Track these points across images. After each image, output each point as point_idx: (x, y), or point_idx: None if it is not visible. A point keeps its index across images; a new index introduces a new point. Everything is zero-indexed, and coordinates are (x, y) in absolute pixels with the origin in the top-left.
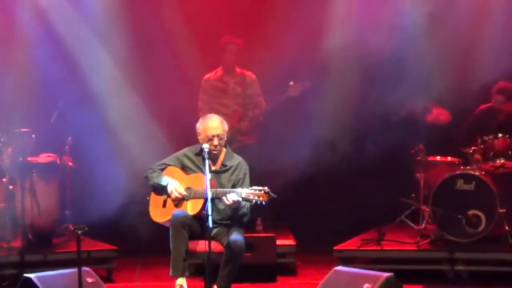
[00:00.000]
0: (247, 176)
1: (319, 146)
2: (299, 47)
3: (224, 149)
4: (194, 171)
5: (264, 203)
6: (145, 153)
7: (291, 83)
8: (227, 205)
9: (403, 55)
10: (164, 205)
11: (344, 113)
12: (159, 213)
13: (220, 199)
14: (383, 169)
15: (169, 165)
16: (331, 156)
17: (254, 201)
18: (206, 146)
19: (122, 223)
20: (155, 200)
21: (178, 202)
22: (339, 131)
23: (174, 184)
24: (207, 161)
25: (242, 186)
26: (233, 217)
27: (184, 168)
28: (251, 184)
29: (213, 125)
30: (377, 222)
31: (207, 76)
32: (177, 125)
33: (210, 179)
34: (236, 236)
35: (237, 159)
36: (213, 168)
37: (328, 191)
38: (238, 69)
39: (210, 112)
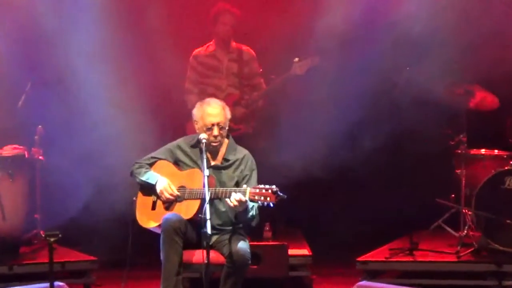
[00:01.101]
0: (255, 173)
1: (333, 136)
2: (308, 14)
3: (226, 140)
4: (189, 167)
5: (272, 205)
6: (131, 145)
7: (296, 59)
8: (230, 207)
9: (437, 26)
10: (153, 208)
11: (363, 97)
12: (148, 217)
13: (220, 199)
14: (415, 165)
15: (159, 158)
16: (349, 149)
17: (259, 202)
18: (204, 136)
19: (103, 228)
20: (142, 202)
21: (170, 203)
22: (358, 118)
23: (164, 182)
24: (205, 155)
25: (248, 184)
26: (238, 221)
27: (177, 163)
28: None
29: (212, 111)
30: (409, 228)
31: (196, 51)
32: (173, 113)
33: (208, 176)
34: (240, 245)
35: (241, 152)
36: (212, 163)
37: (348, 191)
38: (234, 44)
39: (199, 96)
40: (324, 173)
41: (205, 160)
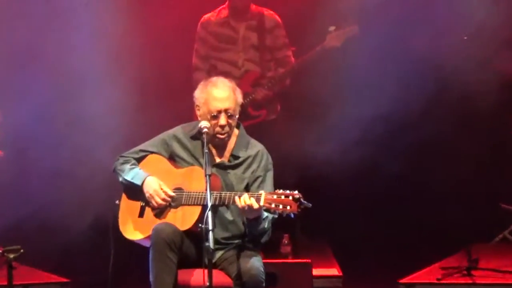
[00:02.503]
0: (270, 174)
1: (373, 127)
2: None
3: (236, 131)
4: (188, 163)
5: (292, 215)
6: (114, 135)
7: (331, 28)
8: (241, 212)
9: None
10: (141, 215)
11: (410, 76)
12: (134, 227)
13: (227, 207)
14: (471, 163)
15: (150, 152)
16: (390, 144)
17: (277, 212)
18: (205, 124)
19: (77, 242)
20: (127, 207)
21: (162, 210)
22: (404, 103)
23: (155, 183)
24: (207, 148)
25: (261, 189)
26: (247, 233)
27: (173, 158)
28: (276, 188)
29: (219, 94)
30: (465, 241)
31: (205, 17)
32: (171, 94)
33: (211, 176)
34: (251, 263)
35: (255, 147)
36: (218, 160)
37: (387, 195)
38: (253, 7)
39: (210, 75)
40: (359, 173)
41: (206, 156)
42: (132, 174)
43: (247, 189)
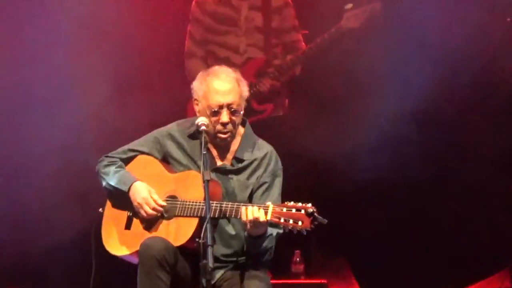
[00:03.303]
0: (278, 181)
1: (398, 125)
2: None
3: (240, 130)
4: (183, 166)
5: (304, 232)
6: (94, 131)
7: (348, 6)
8: (245, 226)
9: None
10: (128, 226)
11: (445, 65)
12: (120, 241)
13: (229, 220)
14: None
15: (140, 152)
16: (419, 144)
17: (287, 228)
18: (202, 121)
19: (56, 257)
20: (113, 217)
21: (153, 221)
22: (435, 100)
23: (144, 190)
24: (205, 149)
25: (266, 197)
26: (249, 251)
27: (166, 160)
28: (284, 198)
29: (221, 86)
30: (509, 258)
31: None
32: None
33: (209, 181)
34: (257, 284)
35: (262, 149)
36: (219, 163)
37: (414, 203)
38: None
39: (205, 62)
40: (382, 178)
41: (204, 158)
42: (117, 178)
43: (250, 198)
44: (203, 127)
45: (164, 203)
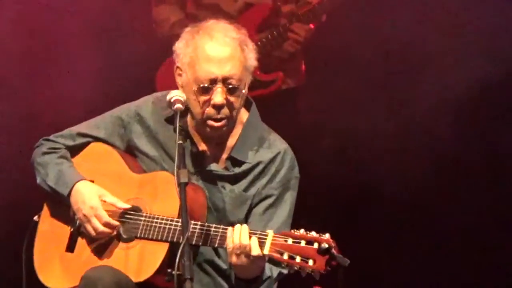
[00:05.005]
0: (291, 195)
1: (441, 107)
2: None
3: (243, 116)
4: (156, 164)
5: (318, 275)
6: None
7: None
8: (230, 259)
9: None
10: (70, 248)
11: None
12: (58, 267)
13: (215, 249)
14: None
15: (94, 138)
16: (462, 138)
17: (291, 269)
18: (177, 96)
19: None
20: (50, 231)
21: (105, 244)
22: (487, 83)
23: (92, 196)
24: (178, 138)
25: (269, 218)
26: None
27: (131, 151)
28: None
29: (216, 51)
30: None
31: None
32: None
33: (188, 186)
34: None
35: (273, 147)
36: (208, 164)
37: (453, 210)
38: None
39: (184, 8)
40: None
41: (178, 147)
42: (57, 175)
43: (247, 219)
44: (177, 105)
45: (116, 223)
